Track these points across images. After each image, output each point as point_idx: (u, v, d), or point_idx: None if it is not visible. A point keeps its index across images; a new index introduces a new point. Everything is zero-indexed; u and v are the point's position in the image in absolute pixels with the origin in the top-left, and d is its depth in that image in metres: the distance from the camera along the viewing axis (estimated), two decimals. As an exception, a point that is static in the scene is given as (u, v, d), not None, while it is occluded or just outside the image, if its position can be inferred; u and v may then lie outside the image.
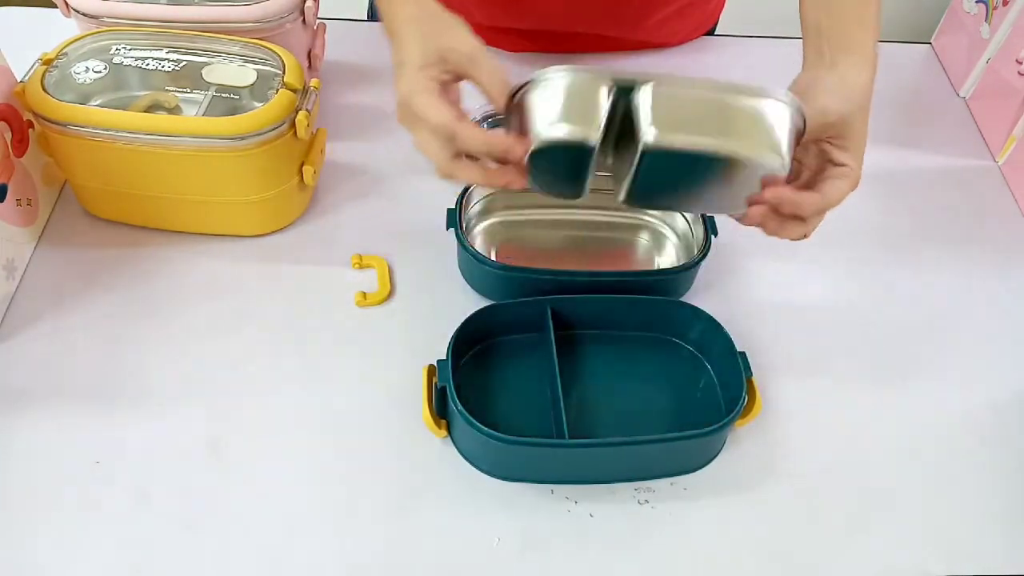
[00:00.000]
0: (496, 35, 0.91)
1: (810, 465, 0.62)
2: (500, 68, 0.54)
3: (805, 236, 0.56)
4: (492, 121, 0.81)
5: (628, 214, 0.74)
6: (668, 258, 0.72)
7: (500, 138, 0.52)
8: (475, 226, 0.73)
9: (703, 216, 0.69)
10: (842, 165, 0.55)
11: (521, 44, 0.91)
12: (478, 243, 0.72)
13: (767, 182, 0.51)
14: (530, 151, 0.50)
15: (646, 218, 0.74)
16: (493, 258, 0.71)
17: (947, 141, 0.88)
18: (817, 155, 0.56)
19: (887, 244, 0.77)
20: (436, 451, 0.60)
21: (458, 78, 0.55)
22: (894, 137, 0.87)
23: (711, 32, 0.97)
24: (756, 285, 0.73)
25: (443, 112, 0.52)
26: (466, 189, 0.69)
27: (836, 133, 0.55)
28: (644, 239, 0.74)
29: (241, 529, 0.56)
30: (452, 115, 0.52)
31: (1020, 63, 0.83)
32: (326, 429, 0.61)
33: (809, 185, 0.55)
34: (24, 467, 0.58)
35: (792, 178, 0.54)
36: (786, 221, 0.54)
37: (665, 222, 0.73)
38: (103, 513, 0.56)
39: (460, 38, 0.55)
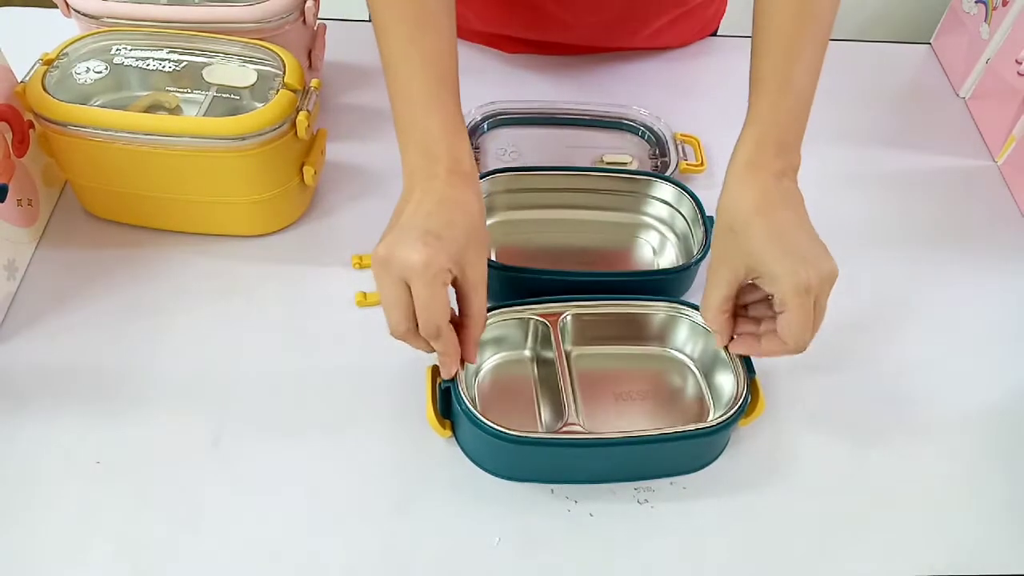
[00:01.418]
0: (492, 39, 0.91)
1: (810, 465, 0.62)
2: (485, 309, 0.55)
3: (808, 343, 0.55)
4: (492, 122, 0.81)
5: (628, 215, 0.74)
6: (668, 258, 0.72)
7: (457, 354, 0.54)
8: None
9: (703, 217, 0.69)
10: (771, 296, 0.53)
11: (518, 47, 0.91)
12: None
13: None
14: None
15: (646, 219, 0.74)
16: (493, 258, 0.70)
17: (947, 141, 0.88)
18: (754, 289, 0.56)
19: (887, 244, 0.77)
20: (437, 451, 0.60)
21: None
22: (894, 137, 0.88)
23: (711, 35, 0.97)
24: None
25: (445, 311, 0.52)
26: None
27: (743, 273, 0.54)
28: (644, 239, 0.74)
29: (241, 529, 0.56)
30: (447, 315, 0.52)
31: (1020, 63, 0.83)
32: (326, 428, 0.61)
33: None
34: (24, 467, 0.58)
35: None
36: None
37: (665, 223, 0.74)
38: (103, 513, 0.56)
39: (485, 254, 0.55)
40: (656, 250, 0.73)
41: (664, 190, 0.72)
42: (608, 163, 0.79)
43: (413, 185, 0.54)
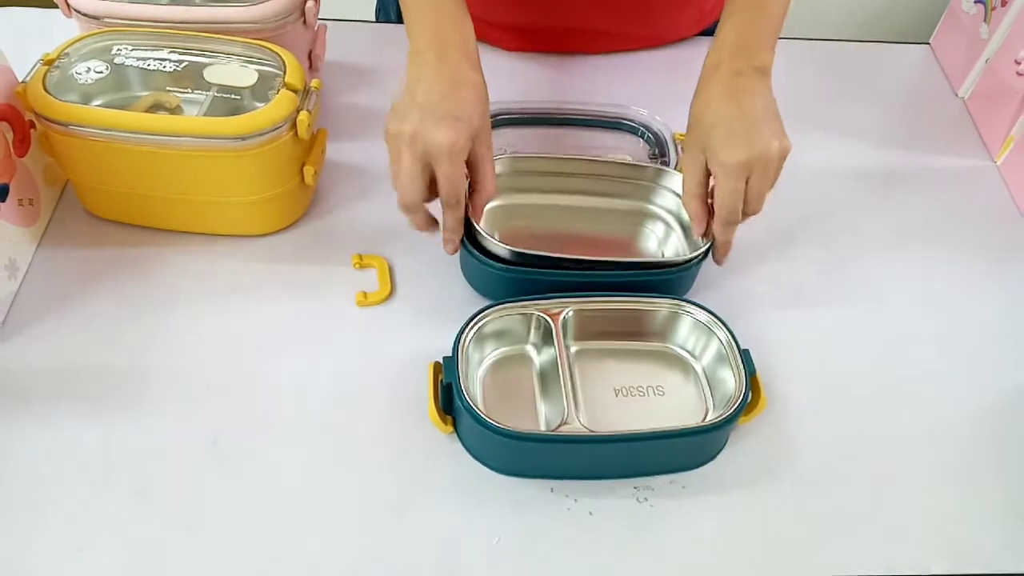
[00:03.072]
0: (491, 30, 0.91)
1: (810, 464, 0.62)
2: (493, 177, 0.64)
3: (757, 212, 0.64)
4: (502, 119, 0.81)
5: (634, 203, 0.73)
6: (672, 248, 0.72)
7: (461, 228, 0.64)
8: None
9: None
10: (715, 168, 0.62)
11: (517, 42, 0.91)
12: (481, 226, 0.71)
13: None
14: None
15: (652, 208, 0.73)
16: (496, 239, 0.69)
17: (946, 141, 0.88)
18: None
19: (886, 243, 0.77)
20: (437, 448, 0.60)
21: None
22: (893, 137, 0.88)
23: (710, 31, 0.97)
24: (758, 282, 0.73)
25: (465, 184, 0.62)
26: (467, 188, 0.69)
27: (704, 152, 0.63)
28: (649, 229, 0.74)
29: (241, 528, 0.56)
30: (466, 189, 0.62)
31: (1019, 63, 0.83)
32: (326, 428, 0.61)
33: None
34: (24, 467, 0.58)
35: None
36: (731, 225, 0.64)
37: (671, 212, 0.73)
38: (103, 513, 0.56)
39: (490, 128, 0.63)
40: (660, 240, 0.73)
41: (672, 179, 0.71)
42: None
43: (424, 64, 0.61)
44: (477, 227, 0.64)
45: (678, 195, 0.72)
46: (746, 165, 0.60)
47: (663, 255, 0.72)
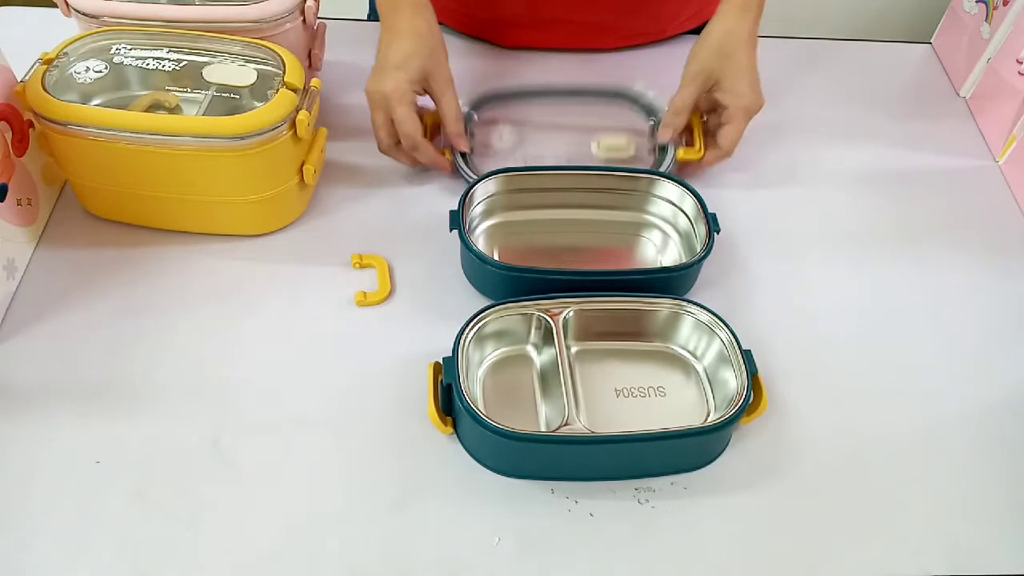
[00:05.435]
0: (488, 25, 0.91)
1: (811, 464, 0.62)
2: (458, 100, 0.74)
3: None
4: (482, 106, 0.83)
5: (630, 214, 0.74)
6: (671, 256, 0.72)
7: (439, 158, 0.75)
8: (477, 227, 0.73)
9: (705, 214, 0.69)
10: (724, 107, 0.74)
11: (512, 37, 0.91)
12: (480, 244, 0.72)
13: None
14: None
15: (648, 217, 0.74)
16: (496, 257, 0.70)
17: (947, 141, 0.88)
18: (708, 100, 0.76)
19: (888, 243, 0.77)
20: (437, 449, 0.60)
21: (425, 93, 0.73)
22: (894, 137, 0.88)
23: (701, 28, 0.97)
24: (759, 283, 0.73)
25: (417, 126, 0.71)
26: (468, 191, 0.69)
27: (713, 82, 0.74)
28: (646, 238, 0.74)
29: (241, 528, 0.56)
30: (420, 130, 0.72)
31: (1020, 63, 0.83)
32: (326, 428, 0.61)
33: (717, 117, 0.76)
34: (24, 467, 0.58)
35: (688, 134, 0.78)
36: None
37: (668, 221, 0.73)
38: (103, 513, 0.56)
39: (445, 66, 0.73)
40: (659, 248, 0.73)
41: (667, 188, 0.72)
42: (604, 147, 0.79)
43: (383, 26, 0.73)
44: (467, 154, 0.75)
45: (673, 204, 0.72)
46: (751, 114, 0.74)
47: (661, 263, 0.72)
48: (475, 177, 0.72)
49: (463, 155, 0.76)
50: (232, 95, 0.68)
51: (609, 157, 0.79)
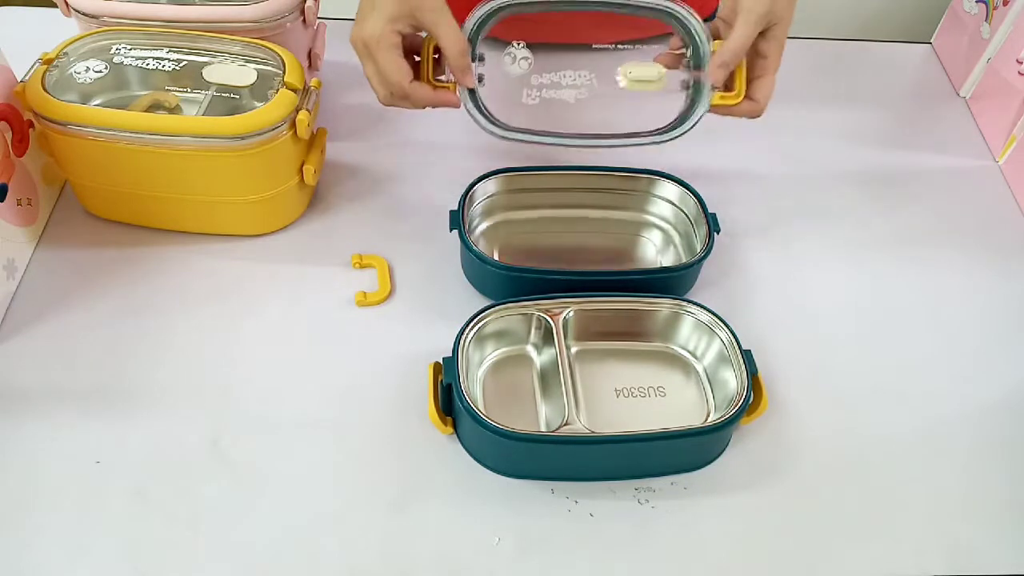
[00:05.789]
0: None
1: (811, 464, 0.62)
2: (458, 29, 0.63)
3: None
4: (494, 19, 0.68)
5: (631, 213, 0.74)
6: (671, 256, 0.72)
7: (444, 96, 0.65)
8: (477, 227, 0.73)
9: (705, 214, 0.69)
10: (763, 57, 0.66)
11: (517, 35, 0.90)
12: (480, 244, 0.72)
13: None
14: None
15: (648, 217, 0.74)
16: (496, 259, 0.70)
17: (947, 141, 0.88)
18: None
19: (888, 243, 0.77)
20: (438, 449, 0.60)
21: (419, 31, 0.63)
22: (894, 137, 0.88)
23: (711, 18, 0.96)
24: (759, 283, 0.73)
25: (402, 72, 0.63)
26: (467, 191, 0.69)
27: (769, 26, 0.65)
28: (646, 238, 0.74)
29: (241, 528, 0.56)
30: (408, 76, 0.63)
31: (1020, 63, 0.83)
32: (326, 427, 0.61)
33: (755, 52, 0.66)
34: (24, 467, 0.58)
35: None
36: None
37: (668, 221, 0.73)
38: (103, 513, 0.56)
39: (432, 4, 0.62)
40: (659, 248, 0.73)
41: (667, 188, 0.72)
42: (633, 77, 0.70)
43: None
44: (475, 91, 0.66)
45: (673, 204, 0.72)
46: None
47: (661, 263, 0.72)
48: (485, 118, 0.66)
49: (471, 92, 0.67)
50: (232, 95, 0.68)
51: (637, 89, 0.70)
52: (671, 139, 0.68)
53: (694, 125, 0.68)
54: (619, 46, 0.71)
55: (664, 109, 0.70)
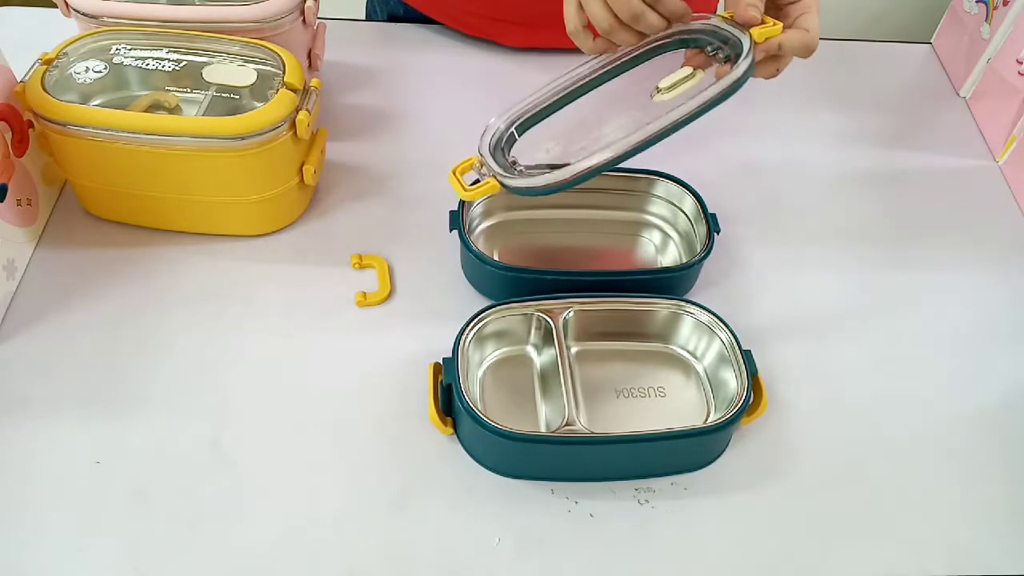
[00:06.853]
0: (488, 25, 0.90)
1: (811, 464, 0.62)
2: None
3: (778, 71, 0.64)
4: (520, 125, 0.64)
5: (630, 213, 0.74)
6: (671, 256, 0.72)
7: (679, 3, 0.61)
8: (477, 227, 0.73)
9: (705, 214, 0.69)
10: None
11: (515, 37, 0.91)
12: (480, 244, 0.72)
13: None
14: None
15: (648, 217, 0.74)
16: (495, 259, 0.70)
17: (947, 141, 0.88)
18: None
19: (888, 243, 0.77)
20: (437, 449, 0.60)
21: None
22: (894, 137, 0.88)
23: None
24: (759, 283, 0.73)
25: None
26: None
27: None
28: (646, 238, 0.74)
29: (241, 529, 0.56)
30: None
31: (1020, 63, 0.83)
32: (326, 428, 0.61)
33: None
34: (24, 467, 0.58)
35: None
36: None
37: (667, 221, 0.73)
38: (103, 513, 0.56)
39: None
40: (658, 248, 0.73)
41: (667, 188, 0.72)
42: (668, 86, 0.64)
43: None
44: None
45: (673, 204, 0.72)
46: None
47: (661, 263, 0.72)
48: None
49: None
50: (232, 95, 0.68)
51: (678, 92, 0.65)
52: (730, 96, 0.61)
53: (747, 71, 0.61)
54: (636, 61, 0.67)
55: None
